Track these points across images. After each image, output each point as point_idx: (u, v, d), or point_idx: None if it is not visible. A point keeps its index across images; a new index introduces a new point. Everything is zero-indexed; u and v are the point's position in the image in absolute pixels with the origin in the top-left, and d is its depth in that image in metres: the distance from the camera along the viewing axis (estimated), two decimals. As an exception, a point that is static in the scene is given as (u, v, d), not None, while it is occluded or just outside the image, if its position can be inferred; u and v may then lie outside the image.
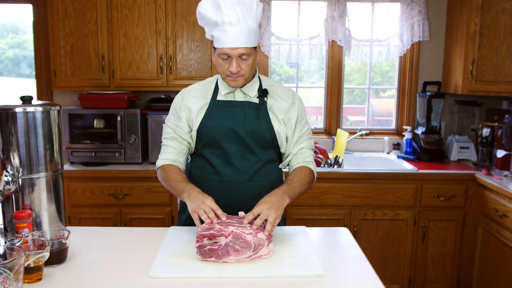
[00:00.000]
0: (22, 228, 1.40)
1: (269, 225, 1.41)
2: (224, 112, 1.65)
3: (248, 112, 1.65)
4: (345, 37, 3.30)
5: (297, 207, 2.83)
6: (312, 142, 1.77)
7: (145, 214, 2.84)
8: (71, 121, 2.93)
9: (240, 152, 1.65)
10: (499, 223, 2.58)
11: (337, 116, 3.48)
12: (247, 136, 1.64)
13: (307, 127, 1.76)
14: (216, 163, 1.66)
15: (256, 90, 1.68)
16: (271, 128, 1.66)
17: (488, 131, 2.99)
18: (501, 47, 2.90)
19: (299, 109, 1.73)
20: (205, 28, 1.65)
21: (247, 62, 1.58)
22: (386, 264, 2.91)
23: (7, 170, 1.46)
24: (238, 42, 1.53)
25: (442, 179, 2.84)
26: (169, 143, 1.71)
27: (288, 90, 1.75)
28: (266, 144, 1.67)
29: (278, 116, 1.68)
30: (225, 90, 1.67)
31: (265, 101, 1.67)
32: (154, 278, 1.27)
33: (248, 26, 1.55)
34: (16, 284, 1.10)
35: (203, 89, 1.71)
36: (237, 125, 1.63)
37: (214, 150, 1.67)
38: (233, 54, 1.55)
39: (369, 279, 1.31)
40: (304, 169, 1.69)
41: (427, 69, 3.40)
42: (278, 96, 1.71)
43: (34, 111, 1.46)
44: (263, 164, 1.68)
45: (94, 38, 2.94)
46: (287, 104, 1.70)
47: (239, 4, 1.53)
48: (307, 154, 1.73)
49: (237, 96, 1.67)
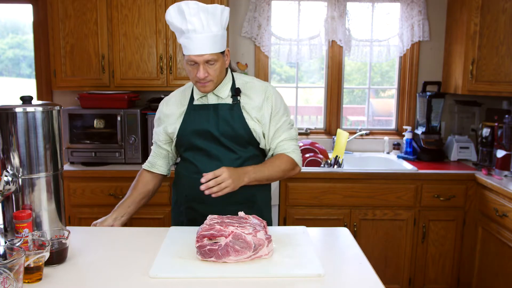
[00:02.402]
0: (22, 228, 1.40)
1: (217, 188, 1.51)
2: (199, 115, 1.72)
3: (221, 113, 1.71)
4: (345, 37, 3.30)
5: (297, 207, 2.83)
6: (292, 132, 1.78)
7: (145, 214, 2.84)
8: (71, 121, 2.93)
9: (219, 152, 1.71)
10: (499, 223, 2.58)
11: (337, 116, 3.48)
12: (222, 137, 1.70)
13: (284, 119, 1.76)
14: (198, 163, 1.73)
15: (228, 90, 1.73)
16: (246, 126, 1.70)
17: (488, 131, 2.99)
18: (501, 47, 2.90)
19: (273, 102, 1.74)
20: (176, 34, 1.69)
21: (214, 67, 1.63)
22: (386, 264, 2.91)
23: (7, 170, 1.45)
24: (203, 49, 1.59)
25: (442, 179, 2.84)
26: (155, 149, 1.86)
27: (261, 86, 1.77)
28: (243, 142, 1.72)
29: (251, 114, 1.71)
30: (198, 94, 1.74)
31: (238, 101, 1.72)
32: (154, 278, 1.27)
33: (212, 32, 1.59)
34: (16, 284, 1.10)
35: (181, 96, 1.80)
36: (212, 127, 1.70)
37: (195, 152, 1.74)
38: (199, 61, 1.61)
39: (369, 279, 1.30)
40: (281, 156, 1.74)
41: (427, 69, 3.40)
42: (252, 93, 1.74)
43: (34, 111, 1.46)
44: (244, 161, 1.73)
45: (94, 38, 2.94)
46: (259, 100, 1.73)
47: (202, 11, 1.57)
48: (287, 145, 1.76)
49: (210, 98, 1.73)
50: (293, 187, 2.82)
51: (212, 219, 1.43)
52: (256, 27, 3.28)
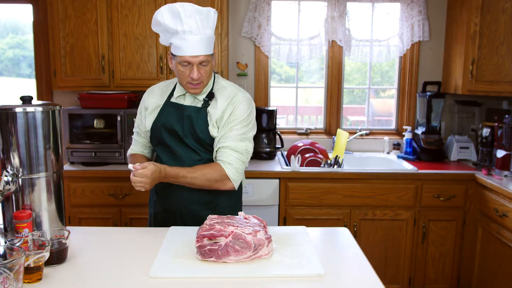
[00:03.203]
0: (22, 228, 1.40)
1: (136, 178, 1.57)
2: (171, 113, 1.77)
3: (187, 114, 1.74)
4: (345, 37, 3.30)
5: (297, 207, 2.83)
6: (240, 145, 1.70)
7: (145, 214, 2.83)
8: (71, 121, 2.93)
9: (183, 151, 1.76)
10: (499, 223, 2.58)
11: (337, 116, 3.48)
12: (186, 137, 1.74)
13: (239, 130, 1.70)
14: (164, 160, 1.78)
15: (206, 93, 1.76)
16: (207, 130, 1.73)
17: (488, 131, 2.99)
18: (501, 47, 2.90)
19: (234, 109, 1.72)
20: (161, 34, 1.71)
21: (206, 69, 1.67)
22: (386, 264, 2.91)
23: (7, 170, 1.46)
24: (199, 50, 1.62)
25: (442, 179, 2.84)
26: (135, 137, 1.93)
27: (231, 92, 1.75)
28: (206, 144, 1.75)
29: (213, 118, 1.74)
30: (178, 93, 1.78)
31: (208, 104, 1.74)
32: (154, 278, 1.27)
33: (207, 34, 1.64)
34: (16, 284, 1.10)
35: (165, 89, 1.84)
36: (178, 127, 1.74)
37: (163, 148, 1.79)
38: (194, 62, 1.63)
39: (369, 279, 1.31)
40: (214, 165, 1.68)
41: (427, 69, 3.41)
42: (220, 98, 1.75)
43: (34, 111, 1.46)
44: (206, 162, 1.76)
45: (94, 38, 2.94)
46: (223, 105, 1.74)
47: (198, 13, 1.60)
48: (227, 154, 1.69)
49: (186, 99, 1.77)
50: (293, 187, 2.82)
51: (212, 219, 1.44)
52: (256, 27, 3.28)
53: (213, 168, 1.67)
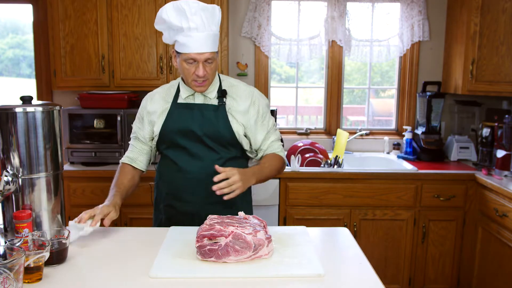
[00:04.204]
0: (22, 228, 1.40)
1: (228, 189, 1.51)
2: (183, 114, 1.73)
3: (206, 113, 1.72)
4: (345, 37, 3.30)
5: (297, 207, 2.83)
6: (278, 133, 1.85)
7: (145, 214, 2.84)
8: (71, 121, 2.93)
9: (201, 151, 1.72)
10: (499, 223, 2.58)
11: (337, 116, 3.48)
12: (205, 137, 1.71)
13: (271, 121, 1.82)
14: (179, 161, 1.74)
15: (215, 91, 1.75)
16: (230, 128, 1.72)
17: (488, 131, 2.99)
18: (501, 47, 2.90)
19: (259, 107, 1.78)
20: (165, 32, 1.70)
21: (211, 66, 1.66)
22: (386, 264, 2.91)
23: (7, 170, 1.46)
24: (205, 47, 1.61)
25: (442, 179, 2.84)
26: (133, 142, 1.86)
27: (247, 90, 1.79)
28: (226, 143, 1.74)
29: (237, 117, 1.73)
30: (185, 93, 1.74)
31: (224, 102, 1.73)
32: (154, 278, 1.27)
33: (212, 31, 1.63)
34: (16, 284, 1.10)
35: (166, 93, 1.80)
36: (195, 127, 1.71)
37: (176, 150, 1.75)
38: (199, 59, 1.62)
39: (369, 279, 1.30)
40: (275, 156, 1.79)
41: (427, 69, 3.40)
42: (238, 97, 1.76)
43: (34, 111, 1.46)
44: (225, 161, 1.74)
45: (94, 38, 2.94)
46: (246, 104, 1.75)
47: (203, 10, 1.60)
48: (276, 145, 1.82)
49: (196, 98, 1.74)
50: (293, 187, 2.82)
51: (212, 219, 1.43)
52: (256, 27, 3.28)
53: (277, 159, 1.79)
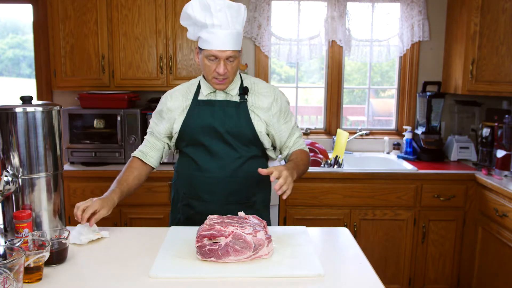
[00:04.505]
0: (22, 228, 1.40)
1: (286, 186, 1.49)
2: (204, 111, 1.71)
3: (227, 110, 1.70)
4: (345, 37, 3.30)
5: (297, 207, 2.83)
6: (300, 131, 1.87)
7: (145, 214, 2.84)
8: (71, 121, 2.93)
9: (221, 149, 1.70)
10: (499, 223, 2.58)
11: (337, 116, 3.48)
12: (227, 134, 1.69)
13: (293, 118, 1.83)
14: (199, 160, 1.72)
15: (237, 88, 1.73)
16: (251, 125, 1.70)
17: (488, 131, 2.99)
18: (501, 47, 2.90)
19: (282, 104, 1.77)
20: (189, 28, 1.69)
21: (232, 65, 1.64)
22: (386, 264, 2.91)
23: (7, 170, 1.46)
24: (227, 45, 1.60)
25: (442, 179, 2.84)
26: (147, 137, 1.84)
27: (270, 87, 1.79)
28: (247, 141, 1.72)
29: (259, 114, 1.72)
30: (206, 90, 1.73)
31: (245, 99, 1.72)
32: (154, 278, 1.27)
33: (236, 30, 1.61)
34: (16, 284, 1.10)
35: (186, 91, 1.78)
36: (217, 123, 1.69)
37: (196, 148, 1.73)
38: (221, 56, 1.61)
39: (369, 279, 1.30)
40: (302, 152, 1.80)
41: (427, 69, 3.40)
42: (260, 94, 1.74)
43: (34, 111, 1.46)
44: (245, 160, 1.72)
45: (94, 38, 2.94)
46: (268, 101, 1.74)
47: (228, 8, 1.59)
48: (301, 142, 1.84)
49: (218, 95, 1.73)
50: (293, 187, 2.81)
51: (212, 219, 1.43)
52: (256, 27, 3.28)
53: (305, 155, 1.80)
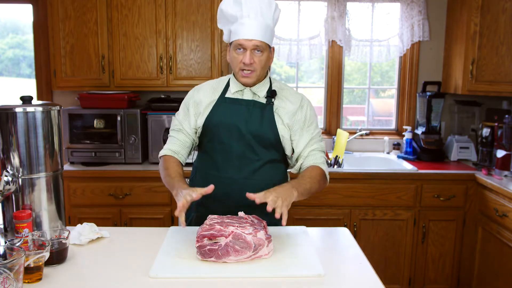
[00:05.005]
0: (22, 228, 1.40)
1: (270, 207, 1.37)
2: (229, 109, 1.68)
3: (253, 110, 1.67)
4: (345, 37, 3.30)
5: (297, 207, 2.83)
6: (323, 144, 1.75)
7: (145, 214, 2.84)
8: (71, 121, 2.93)
9: (241, 150, 1.66)
10: (499, 223, 2.58)
11: (337, 116, 3.48)
12: (249, 135, 1.65)
13: (317, 130, 1.75)
14: (217, 159, 1.68)
15: (265, 91, 1.70)
16: (275, 129, 1.67)
17: (488, 131, 2.99)
18: (501, 47, 2.90)
19: (307, 112, 1.72)
20: (225, 28, 1.70)
21: (260, 58, 1.62)
22: (386, 264, 2.91)
23: (7, 170, 1.46)
24: (254, 34, 1.58)
25: (442, 179, 2.84)
26: (175, 135, 1.75)
27: (298, 94, 1.76)
28: (268, 144, 1.68)
29: (284, 119, 1.68)
30: (235, 88, 1.70)
31: (272, 102, 1.68)
32: (154, 278, 1.27)
33: (265, 22, 1.61)
34: (16, 284, 1.10)
35: (215, 85, 1.76)
36: (241, 123, 1.65)
37: (217, 146, 1.69)
38: (247, 46, 1.59)
39: (369, 279, 1.31)
40: (316, 168, 1.67)
41: (427, 69, 3.40)
42: (287, 99, 1.71)
43: (34, 111, 1.46)
44: (264, 164, 1.68)
45: (94, 38, 2.94)
46: (294, 107, 1.70)
47: (259, 0, 1.60)
48: (318, 156, 1.71)
49: (245, 95, 1.70)
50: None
51: (212, 219, 1.43)
52: (256, 27, 3.28)
53: (318, 172, 1.66)
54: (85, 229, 1.55)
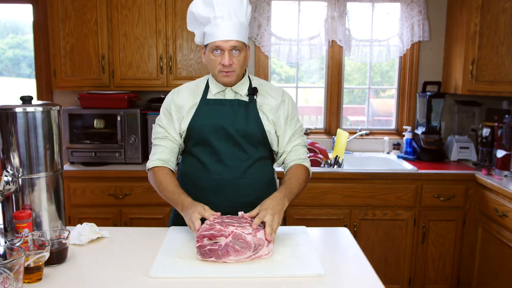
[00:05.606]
0: (22, 228, 1.40)
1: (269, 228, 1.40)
2: (213, 110, 1.67)
3: (237, 110, 1.67)
4: (345, 37, 3.30)
5: (297, 207, 2.83)
6: (305, 139, 1.78)
7: (145, 214, 2.84)
8: (71, 121, 2.93)
9: (230, 150, 1.66)
10: (499, 223, 2.58)
11: (337, 116, 3.48)
12: (237, 134, 1.65)
13: (299, 124, 1.77)
14: (206, 161, 1.67)
15: (246, 89, 1.71)
16: (261, 126, 1.68)
17: (488, 131, 2.99)
18: (501, 47, 2.90)
19: (289, 106, 1.74)
20: (196, 30, 1.69)
21: (238, 57, 1.62)
22: (386, 264, 2.91)
23: (7, 170, 1.46)
24: (231, 35, 1.58)
25: (442, 179, 2.84)
26: (161, 143, 1.71)
27: (278, 89, 1.77)
28: (256, 142, 1.69)
29: (268, 115, 1.69)
30: (216, 89, 1.70)
31: (254, 99, 1.69)
32: (154, 278, 1.27)
33: (239, 21, 1.61)
34: (16, 284, 1.10)
35: (194, 88, 1.74)
36: (227, 123, 1.65)
37: (204, 148, 1.68)
38: (225, 47, 1.59)
39: (369, 279, 1.30)
40: (300, 168, 1.71)
41: (427, 69, 3.40)
42: (268, 94, 1.73)
43: (34, 111, 1.46)
44: (254, 162, 1.69)
45: (94, 38, 2.94)
46: (277, 102, 1.72)
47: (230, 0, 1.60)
48: (301, 151, 1.75)
49: (227, 95, 1.70)
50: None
51: (212, 219, 1.43)
52: (256, 27, 3.28)
53: (302, 170, 1.71)
54: (85, 229, 1.55)
